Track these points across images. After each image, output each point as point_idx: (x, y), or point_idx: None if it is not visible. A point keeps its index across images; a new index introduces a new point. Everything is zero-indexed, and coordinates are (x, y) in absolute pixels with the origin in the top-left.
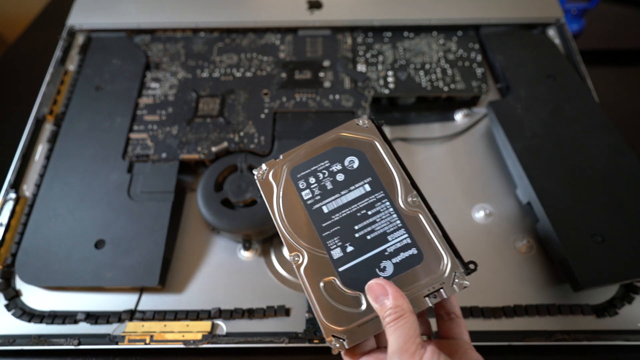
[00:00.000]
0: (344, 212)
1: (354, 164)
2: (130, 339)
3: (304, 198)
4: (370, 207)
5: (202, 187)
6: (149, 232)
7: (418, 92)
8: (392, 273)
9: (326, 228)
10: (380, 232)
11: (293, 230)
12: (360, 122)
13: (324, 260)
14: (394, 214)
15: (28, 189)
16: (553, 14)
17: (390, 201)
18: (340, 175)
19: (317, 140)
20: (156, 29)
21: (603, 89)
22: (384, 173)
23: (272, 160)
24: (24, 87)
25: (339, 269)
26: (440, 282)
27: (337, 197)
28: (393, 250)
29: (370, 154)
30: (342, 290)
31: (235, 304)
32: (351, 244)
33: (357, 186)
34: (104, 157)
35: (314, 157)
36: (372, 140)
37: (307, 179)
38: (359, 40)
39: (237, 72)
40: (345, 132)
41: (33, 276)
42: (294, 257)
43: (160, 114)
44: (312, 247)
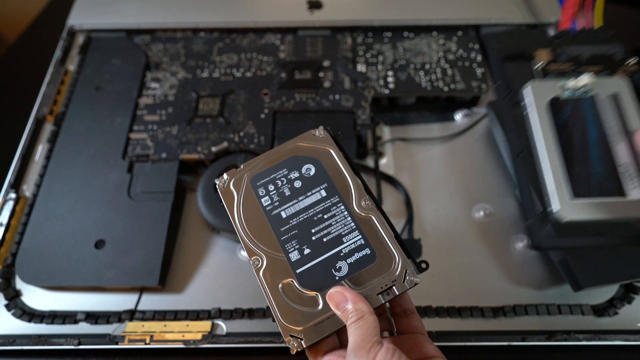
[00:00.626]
0: (302, 216)
1: (311, 171)
2: (130, 339)
3: (263, 204)
4: (326, 211)
5: (202, 187)
6: (149, 232)
7: (418, 92)
8: (347, 272)
9: (284, 232)
10: (335, 234)
11: (253, 236)
12: (317, 132)
13: (283, 263)
14: (349, 217)
15: (28, 189)
16: (553, 14)
17: (345, 205)
18: (297, 182)
19: (276, 150)
20: (156, 29)
21: None
22: (339, 179)
23: (233, 169)
24: (24, 87)
25: (297, 270)
26: (392, 280)
27: (294, 202)
28: (348, 251)
29: (326, 161)
30: (300, 291)
31: (235, 304)
32: (308, 246)
33: (313, 192)
34: (104, 157)
35: (273, 165)
36: (327, 149)
37: (266, 186)
38: (359, 40)
39: (237, 72)
40: (303, 142)
41: (33, 276)
42: (253, 261)
43: (160, 114)
44: (271, 251)
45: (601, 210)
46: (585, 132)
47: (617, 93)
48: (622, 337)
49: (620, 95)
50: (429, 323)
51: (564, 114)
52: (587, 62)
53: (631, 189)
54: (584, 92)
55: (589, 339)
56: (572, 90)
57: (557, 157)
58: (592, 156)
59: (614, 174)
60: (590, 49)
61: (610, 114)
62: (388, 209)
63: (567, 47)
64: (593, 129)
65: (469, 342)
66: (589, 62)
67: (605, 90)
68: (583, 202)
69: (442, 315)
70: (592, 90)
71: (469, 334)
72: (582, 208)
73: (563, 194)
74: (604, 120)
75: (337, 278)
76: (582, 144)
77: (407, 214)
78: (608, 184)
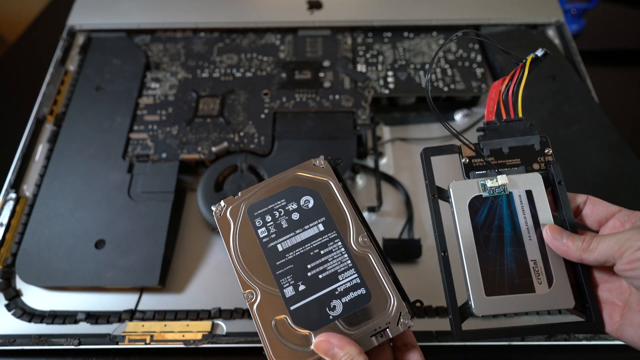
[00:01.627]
0: (298, 250)
1: (309, 203)
2: (131, 339)
3: (259, 236)
4: (323, 246)
5: (202, 187)
6: (149, 232)
7: (418, 92)
8: (341, 312)
9: (280, 266)
10: (331, 271)
11: (247, 268)
12: (317, 162)
13: (277, 298)
14: (345, 254)
15: (28, 189)
16: (553, 14)
17: (342, 241)
18: (295, 214)
19: (275, 179)
20: (156, 29)
21: (603, 89)
22: (337, 213)
23: (231, 197)
24: (24, 87)
25: (291, 307)
26: (386, 322)
27: (291, 235)
28: (343, 289)
29: (325, 194)
30: (293, 328)
31: (235, 304)
32: (303, 282)
33: (311, 225)
34: (104, 157)
35: (271, 195)
36: (327, 181)
37: (263, 217)
38: (359, 40)
39: (237, 72)
40: (302, 172)
41: (33, 276)
42: (247, 294)
43: (160, 114)
44: (266, 285)
45: (512, 306)
46: (502, 229)
47: (531, 189)
48: None
49: (533, 191)
50: (429, 323)
51: (484, 211)
52: (508, 154)
53: (538, 284)
54: (501, 190)
55: (589, 338)
56: (490, 189)
57: (474, 257)
58: (506, 253)
59: (526, 270)
60: (510, 142)
61: (523, 210)
62: (388, 209)
63: (489, 141)
64: (508, 226)
65: (469, 342)
66: (509, 155)
67: (520, 187)
68: (495, 299)
69: (442, 315)
70: (508, 188)
71: (468, 331)
72: (494, 304)
73: (478, 291)
74: (518, 217)
75: (330, 317)
76: (497, 241)
77: (407, 214)
78: (520, 280)
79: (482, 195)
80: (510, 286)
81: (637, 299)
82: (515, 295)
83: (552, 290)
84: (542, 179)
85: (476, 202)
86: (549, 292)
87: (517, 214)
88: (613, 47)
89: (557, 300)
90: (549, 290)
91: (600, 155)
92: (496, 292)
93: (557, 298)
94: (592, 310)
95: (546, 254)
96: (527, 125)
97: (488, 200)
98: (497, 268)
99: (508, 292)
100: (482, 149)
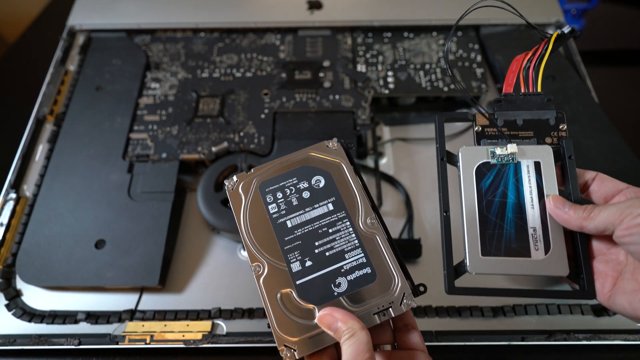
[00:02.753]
0: (307, 228)
1: (320, 183)
2: (131, 339)
3: (270, 211)
4: (332, 225)
5: (202, 187)
6: (149, 232)
7: (418, 92)
8: (346, 289)
9: (288, 242)
10: (338, 249)
11: (257, 242)
12: (330, 144)
13: (283, 272)
14: (353, 234)
15: (28, 189)
16: (553, 14)
17: (351, 221)
18: (306, 193)
19: (288, 158)
20: (156, 29)
21: (603, 89)
22: (347, 194)
23: (244, 173)
24: (24, 87)
25: (297, 282)
26: (389, 302)
27: (301, 213)
28: (349, 267)
29: (336, 175)
30: (298, 302)
31: (235, 304)
32: (310, 258)
33: (321, 204)
34: (104, 157)
35: (283, 173)
36: (339, 163)
37: (274, 193)
38: (359, 40)
39: (237, 72)
40: (315, 153)
41: (33, 276)
42: (255, 267)
43: (160, 114)
44: (273, 259)
45: (506, 267)
46: (505, 196)
47: (540, 161)
48: (621, 337)
49: (542, 163)
50: (429, 323)
51: (490, 177)
52: (521, 127)
53: (535, 250)
54: (510, 159)
55: (589, 338)
56: (499, 157)
57: (474, 218)
58: (507, 219)
59: (524, 236)
60: (525, 115)
61: (529, 180)
62: (388, 209)
63: (505, 112)
64: (512, 193)
65: (469, 341)
66: (523, 127)
67: (529, 158)
68: (491, 259)
69: (442, 315)
70: (517, 157)
71: (469, 333)
72: (489, 264)
73: (475, 251)
74: (524, 186)
75: (335, 294)
76: (500, 206)
77: (407, 214)
78: (517, 245)
79: (490, 162)
80: (507, 249)
81: (631, 268)
82: (511, 258)
83: (548, 257)
84: (552, 152)
85: (483, 168)
86: (544, 258)
87: (523, 183)
88: (613, 47)
89: (551, 267)
90: (544, 256)
91: (600, 155)
92: (492, 253)
93: (551, 265)
94: (586, 279)
95: (546, 223)
96: (545, 100)
97: (495, 167)
98: (496, 231)
99: (504, 254)
100: (497, 119)
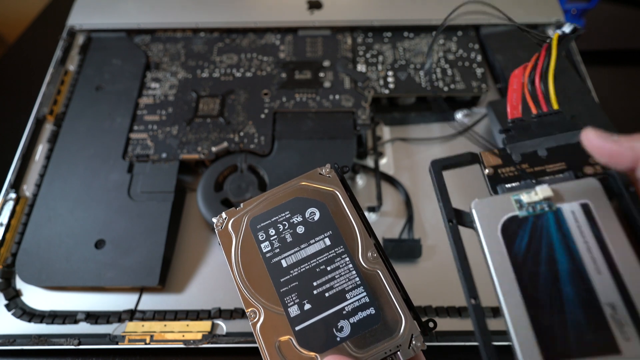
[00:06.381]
0: (303, 266)
1: (315, 215)
2: (130, 339)
3: (263, 251)
4: (330, 262)
5: (202, 187)
6: (149, 232)
7: (418, 92)
8: (349, 334)
9: (284, 283)
10: (338, 289)
11: (250, 285)
12: (323, 171)
13: (281, 318)
14: (353, 271)
15: (28, 189)
16: (553, 14)
17: (350, 257)
18: (300, 228)
19: (278, 190)
20: (156, 29)
21: (603, 89)
22: (344, 226)
23: (233, 209)
24: (24, 87)
25: (296, 328)
26: (397, 345)
27: (296, 250)
28: (351, 309)
29: (331, 205)
30: (298, 350)
31: (235, 304)
32: (309, 301)
33: (317, 240)
34: (104, 157)
35: (274, 207)
36: (333, 191)
37: (267, 230)
38: (359, 40)
39: (237, 72)
40: (308, 182)
41: (33, 276)
42: (250, 313)
43: (160, 114)
44: (269, 304)
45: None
46: (554, 262)
47: (588, 202)
48: None
49: (591, 204)
50: None
51: (524, 237)
52: (547, 159)
53: (625, 340)
54: (545, 206)
55: None
56: (529, 206)
57: (518, 304)
58: (566, 296)
59: (601, 320)
60: (547, 142)
61: (582, 232)
62: (388, 209)
63: (519, 144)
64: (562, 256)
65: (469, 342)
66: (549, 159)
67: (571, 200)
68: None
69: (442, 315)
70: (555, 203)
71: (469, 333)
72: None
73: (532, 357)
74: (575, 242)
75: (338, 339)
76: (550, 279)
77: (407, 214)
78: (593, 336)
79: (519, 216)
80: (581, 347)
81: None
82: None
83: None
84: (601, 185)
85: (512, 226)
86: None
87: (574, 239)
88: (613, 47)
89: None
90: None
91: None
92: (560, 356)
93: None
94: None
95: (628, 294)
96: (568, 118)
97: (528, 221)
98: (556, 319)
99: (578, 354)
100: (511, 154)
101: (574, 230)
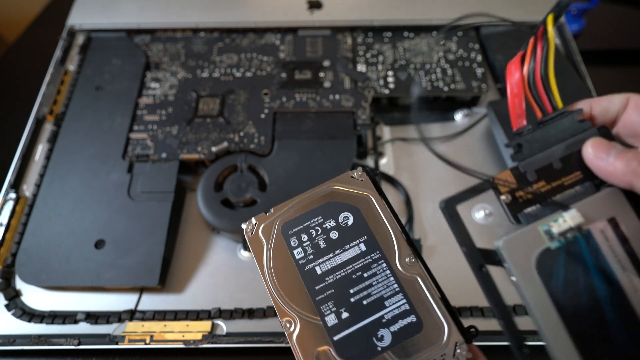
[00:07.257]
0: (339, 273)
1: (349, 220)
2: (130, 339)
3: (295, 257)
4: (366, 268)
5: (202, 187)
6: (149, 232)
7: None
8: (390, 343)
9: (320, 291)
10: (376, 296)
11: (284, 293)
12: (355, 174)
13: (318, 327)
14: (391, 277)
15: (28, 189)
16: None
17: (387, 262)
18: (334, 233)
19: (309, 194)
20: (156, 29)
21: (603, 89)
22: (379, 231)
23: (262, 214)
24: (24, 87)
25: (334, 337)
26: (441, 354)
27: (331, 256)
28: (391, 317)
29: (365, 209)
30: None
31: (235, 304)
32: (346, 309)
33: (352, 245)
34: (104, 157)
35: (306, 212)
36: (367, 196)
37: (299, 236)
38: (359, 40)
39: (237, 72)
40: (339, 186)
41: (33, 276)
42: (285, 322)
43: (160, 114)
44: (305, 313)
45: None
46: (593, 290)
47: (614, 215)
48: None
49: (618, 217)
50: None
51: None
52: (562, 170)
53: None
54: (576, 233)
55: None
56: (560, 236)
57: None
58: (610, 322)
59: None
60: (559, 150)
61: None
62: None
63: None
64: (599, 280)
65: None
66: (564, 170)
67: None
68: None
69: None
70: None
71: None
72: None
73: None
74: (609, 262)
75: (379, 349)
76: (593, 309)
77: (407, 214)
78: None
79: (551, 248)
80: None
81: None
82: None
83: None
84: (622, 193)
85: (546, 260)
86: None
87: (607, 259)
88: (613, 47)
89: None
90: None
91: None
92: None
93: None
94: None
95: None
96: (575, 116)
97: (561, 252)
98: (604, 349)
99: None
100: (525, 174)
101: (606, 250)
